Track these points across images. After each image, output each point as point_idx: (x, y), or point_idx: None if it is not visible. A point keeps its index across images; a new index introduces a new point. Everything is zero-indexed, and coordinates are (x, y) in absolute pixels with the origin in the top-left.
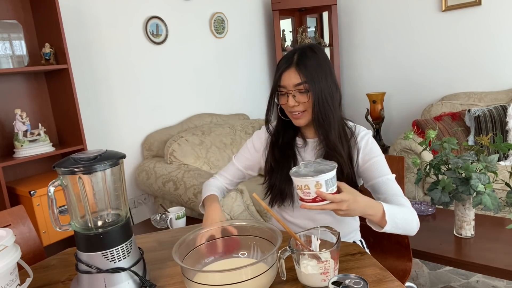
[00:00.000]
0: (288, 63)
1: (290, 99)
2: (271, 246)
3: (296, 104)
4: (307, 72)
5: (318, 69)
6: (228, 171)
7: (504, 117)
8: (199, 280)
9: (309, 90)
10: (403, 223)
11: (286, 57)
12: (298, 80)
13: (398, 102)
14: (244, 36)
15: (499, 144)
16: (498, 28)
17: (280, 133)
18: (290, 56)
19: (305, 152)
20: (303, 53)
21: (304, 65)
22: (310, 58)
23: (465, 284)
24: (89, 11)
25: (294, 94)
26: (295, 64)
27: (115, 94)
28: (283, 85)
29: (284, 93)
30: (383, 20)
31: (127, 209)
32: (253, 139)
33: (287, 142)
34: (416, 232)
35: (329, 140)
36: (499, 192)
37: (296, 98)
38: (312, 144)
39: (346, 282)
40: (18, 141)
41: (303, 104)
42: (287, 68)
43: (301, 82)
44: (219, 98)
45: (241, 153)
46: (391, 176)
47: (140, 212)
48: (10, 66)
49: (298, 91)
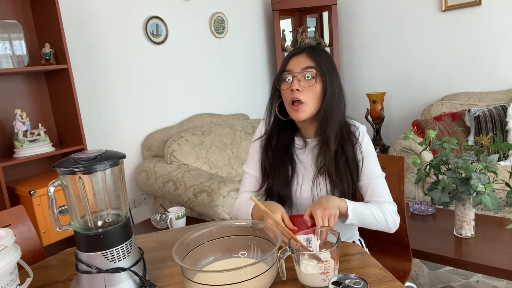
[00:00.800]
0: (300, 50)
1: (294, 82)
2: (271, 246)
3: (299, 89)
4: (320, 60)
5: (330, 63)
6: (247, 184)
7: (504, 117)
8: (199, 280)
9: (318, 77)
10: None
11: (295, 49)
12: (307, 64)
13: (398, 102)
14: (244, 36)
15: (499, 144)
16: (498, 28)
17: (274, 134)
18: (301, 46)
19: (304, 153)
20: (315, 47)
21: (317, 53)
22: (322, 52)
23: (465, 284)
24: (89, 11)
25: (300, 78)
26: (308, 50)
27: (115, 94)
28: (289, 69)
29: (288, 77)
30: (383, 20)
31: (127, 209)
32: (253, 139)
33: (283, 144)
34: (392, 230)
35: (325, 134)
36: (499, 192)
37: (301, 83)
38: (311, 144)
39: (346, 282)
40: (18, 141)
41: (306, 92)
42: (298, 53)
43: (311, 66)
44: (219, 98)
45: (250, 160)
46: (380, 178)
47: (140, 212)
48: (10, 66)
49: (304, 76)
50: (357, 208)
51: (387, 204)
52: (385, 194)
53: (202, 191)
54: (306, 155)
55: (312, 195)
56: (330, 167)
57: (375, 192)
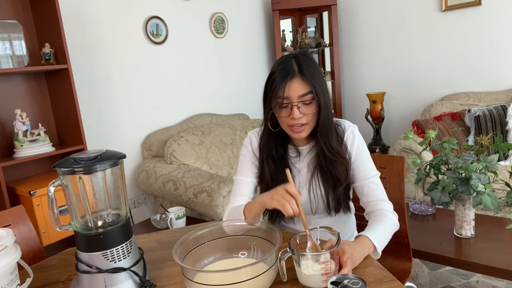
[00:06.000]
0: (291, 73)
1: (295, 111)
2: (271, 246)
3: (301, 116)
4: (313, 81)
5: (319, 75)
6: (243, 189)
7: (504, 117)
8: (199, 280)
9: (315, 99)
10: (388, 237)
11: (283, 67)
12: (304, 90)
13: (398, 102)
14: (244, 36)
15: (499, 144)
16: (498, 28)
17: (271, 145)
18: (288, 64)
19: (299, 161)
20: (301, 60)
21: (309, 73)
22: (309, 65)
23: (465, 284)
24: (89, 11)
25: (299, 105)
26: (299, 73)
27: (115, 94)
28: (287, 96)
29: (286, 105)
30: (383, 20)
31: (127, 209)
32: (242, 151)
33: (280, 153)
34: None
35: (332, 148)
36: (499, 192)
37: (301, 110)
38: (305, 151)
39: (345, 282)
40: (18, 141)
41: (307, 116)
42: (292, 78)
43: (308, 92)
44: (219, 98)
45: (244, 169)
46: (375, 178)
47: (140, 212)
48: (10, 66)
49: (303, 102)
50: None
51: (385, 206)
52: (381, 194)
53: (202, 191)
54: (300, 163)
55: (310, 200)
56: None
57: (371, 193)
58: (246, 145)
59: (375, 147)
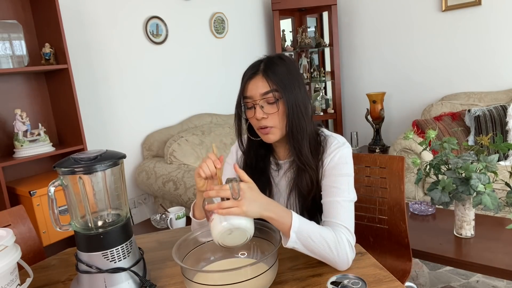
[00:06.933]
0: (254, 71)
1: (258, 110)
2: (271, 246)
3: (265, 116)
4: (276, 79)
5: (289, 76)
6: None
7: (504, 117)
8: (199, 280)
9: (280, 99)
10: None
11: (251, 65)
12: (266, 88)
13: (398, 102)
14: (244, 36)
15: (499, 144)
16: (498, 28)
17: (251, 154)
18: (256, 64)
19: (279, 176)
20: (270, 60)
21: (272, 72)
22: (279, 65)
23: (465, 284)
24: (89, 11)
25: (262, 104)
26: (262, 71)
27: (115, 94)
28: (249, 95)
29: (251, 105)
30: (383, 20)
31: (127, 209)
32: (227, 158)
33: (260, 167)
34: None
35: (301, 155)
36: (499, 192)
37: (264, 109)
38: (284, 166)
39: (345, 282)
40: (18, 141)
41: (272, 117)
42: (253, 76)
43: (270, 90)
44: (219, 98)
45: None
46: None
47: (140, 212)
48: (10, 66)
49: (266, 101)
50: (304, 228)
51: (344, 230)
52: (345, 219)
53: None
54: (280, 179)
55: None
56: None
57: (332, 212)
58: (233, 152)
59: (375, 147)
